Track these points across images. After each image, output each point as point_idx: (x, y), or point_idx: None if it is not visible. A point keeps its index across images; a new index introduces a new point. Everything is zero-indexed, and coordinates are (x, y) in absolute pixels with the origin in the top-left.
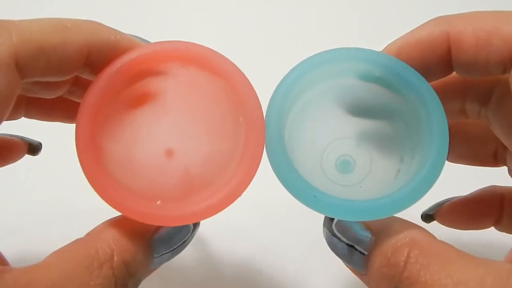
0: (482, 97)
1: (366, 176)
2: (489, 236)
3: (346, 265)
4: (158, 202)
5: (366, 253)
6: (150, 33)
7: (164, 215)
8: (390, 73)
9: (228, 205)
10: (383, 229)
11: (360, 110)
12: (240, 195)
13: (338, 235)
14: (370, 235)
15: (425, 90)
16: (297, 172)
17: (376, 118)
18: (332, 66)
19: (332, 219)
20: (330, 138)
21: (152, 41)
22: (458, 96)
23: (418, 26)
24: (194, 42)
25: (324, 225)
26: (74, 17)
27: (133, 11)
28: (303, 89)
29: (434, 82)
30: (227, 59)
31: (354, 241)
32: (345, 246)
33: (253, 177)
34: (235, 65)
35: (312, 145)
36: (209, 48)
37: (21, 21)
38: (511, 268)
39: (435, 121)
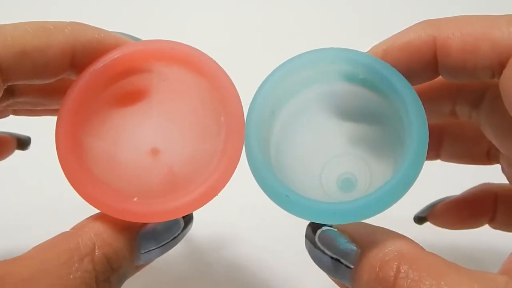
0: (472, 100)
1: (366, 191)
2: (476, 239)
3: (331, 278)
4: (135, 198)
5: (352, 266)
6: (144, 32)
7: (139, 211)
8: (373, 74)
9: (203, 204)
10: (369, 240)
11: (352, 117)
12: (217, 194)
13: (322, 248)
14: (355, 248)
15: (406, 91)
16: (272, 172)
17: (368, 124)
18: (315, 67)
19: (315, 232)
20: (328, 154)
21: (143, 39)
22: (448, 99)
23: (405, 29)
24: (180, 40)
25: (306, 236)
26: (67, 19)
27: (126, 10)
28: (290, 90)
29: (423, 85)
30: (210, 58)
31: (340, 254)
32: (330, 259)
33: (231, 176)
34: (218, 64)
35: (309, 159)
36: (193, 48)
37: (3, 25)
38: (507, 281)
39: (414, 123)
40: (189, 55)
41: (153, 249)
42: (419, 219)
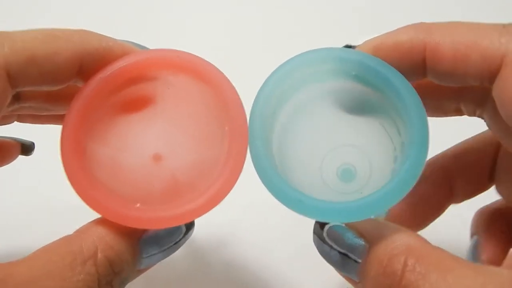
0: (476, 99)
1: (367, 182)
2: None
3: (339, 273)
4: (138, 204)
5: (360, 261)
6: (144, 32)
7: (142, 217)
8: (365, 70)
9: (208, 211)
10: (377, 235)
11: (349, 111)
12: (220, 202)
13: (330, 243)
14: (363, 243)
15: (401, 85)
16: (281, 177)
17: (365, 116)
18: (309, 68)
19: (323, 227)
20: (327, 147)
21: (148, 46)
22: (451, 97)
23: (397, 29)
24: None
25: (314, 232)
26: (70, 25)
27: (129, 16)
28: (287, 92)
29: (426, 83)
30: (215, 67)
31: (348, 249)
32: (338, 254)
33: (234, 183)
34: (223, 73)
35: (309, 155)
36: (199, 57)
37: (14, 31)
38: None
39: (414, 118)
40: (194, 64)
41: (155, 254)
42: None
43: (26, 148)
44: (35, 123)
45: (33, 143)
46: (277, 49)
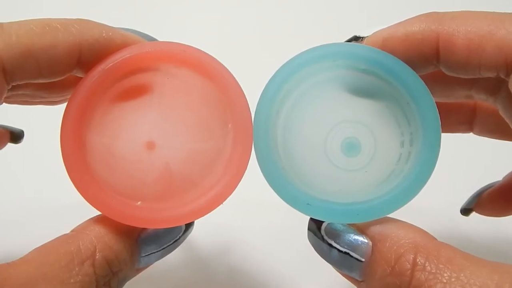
0: (489, 89)
1: (371, 159)
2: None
3: (339, 272)
4: (139, 202)
5: (363, 260)
6: (150, 27)
7: (145, 216)
8: (375, 65)
9: (211, 210)
10: (381, 233)
11: (356, 93)
12: (223, 202)
13: (329, 241)
14: (366, 240)
15: (413, 83)
16: (289, 182)
17: (374, 100)
18: (317, 64)
19: (320, 225)
20: (332, 122)
21: (151, 35)
22: (463, 85)
23: (408, 20)
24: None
25: (309, 229)
26: (71, 17)
27: (129, 16)
28: (291, 89)
29: (437, 71)
30: (221, 64)
31: (349, 248)
32: (338, 253)
33: (237, 184)
34: (228, 71)
35: (313, 134)
36: (204, 52)
37: (8, 23)
38: None
39: (426, 117)
40: (200, 59)
41: (153, 252)
42: (466, 210)
43: (16, 136)
44: (24, 105)
45: (23, 131)
46: (276, 49)
